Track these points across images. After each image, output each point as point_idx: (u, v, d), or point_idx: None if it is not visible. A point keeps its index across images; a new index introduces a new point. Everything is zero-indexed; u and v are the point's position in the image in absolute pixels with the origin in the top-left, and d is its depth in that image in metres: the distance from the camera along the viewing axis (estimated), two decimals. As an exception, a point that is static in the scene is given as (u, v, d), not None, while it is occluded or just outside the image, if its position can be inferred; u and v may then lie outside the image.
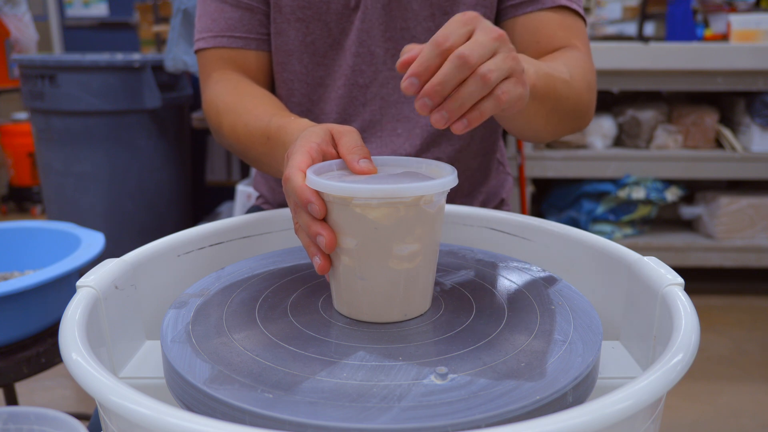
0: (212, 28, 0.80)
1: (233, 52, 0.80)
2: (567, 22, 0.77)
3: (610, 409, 0.30)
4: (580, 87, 0.70)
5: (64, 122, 1.93)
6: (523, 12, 0.77)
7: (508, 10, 0.78)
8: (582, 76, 0.71)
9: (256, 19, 0.79)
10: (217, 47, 0.80)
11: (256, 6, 0.79)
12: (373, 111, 0.80)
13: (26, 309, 0.84)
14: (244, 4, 0.79)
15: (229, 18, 0.79)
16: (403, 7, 0.77)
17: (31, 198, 3.31)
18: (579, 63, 0.73)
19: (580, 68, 0.72)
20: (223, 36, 0.79)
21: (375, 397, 0.36)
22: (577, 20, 0.78)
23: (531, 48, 0.77)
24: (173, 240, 0.59)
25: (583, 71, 0.72)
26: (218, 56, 0.80)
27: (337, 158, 0.52)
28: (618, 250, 0.54)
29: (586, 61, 0.75)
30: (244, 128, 0.71)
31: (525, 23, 0.77)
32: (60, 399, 1.61)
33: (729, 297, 2.22)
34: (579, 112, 0.72)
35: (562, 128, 0.72)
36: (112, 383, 0.33)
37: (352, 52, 0.78)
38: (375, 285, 0.47)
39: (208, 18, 0.80)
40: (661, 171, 2.15)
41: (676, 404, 1.58)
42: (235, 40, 0.79)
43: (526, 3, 0.77)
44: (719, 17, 2.62)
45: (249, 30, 0.80)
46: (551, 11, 0.76)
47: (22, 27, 3.22)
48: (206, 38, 0.80)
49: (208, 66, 0.81)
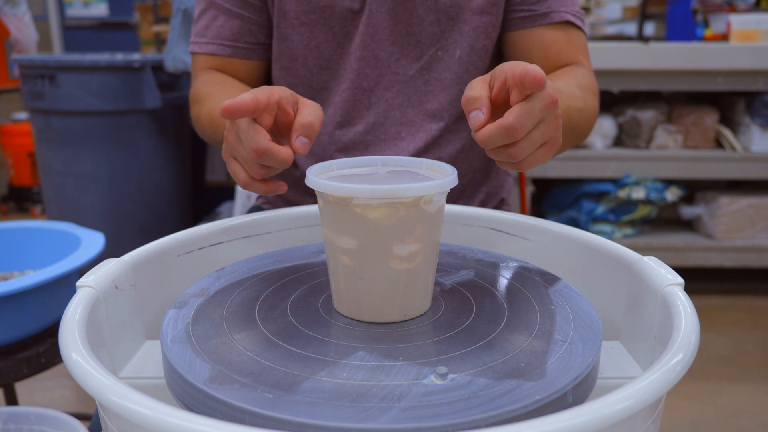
0: (204, 34, 0.83)
1: (221, 59, 0.83)
2: (573, 38, 0.80)
3: (610, 409, 0.30)
4: (591, 112, 0.74)
5: (64, 122, 1.93)
6: (531, 26, 0.79)
7: (516, 22, 0.80)
8: (592, 98, 0.75)
9: (246, 29, 0.82)
10: (206, 53, 0.83)
11: (248, 16, 0.81)
12: (377, 114, 0.81)
13: (26, 309, 0.84)
14: (236, 14, 0.81)
15: (221, 26, 0.82)
16: (409, 12, 0.77)
17: (31, 198, 3.31)
18: (588, 83, 0.76)
19: (590, 91, 0.75)
20: (212, 43, 0.82)
21: (375, 397, 0.36)
22: (581, 35, 0.81)
23: (540, 63, 0.79)
24: (173, 240, 0.59)
25: (592, 93, 0.76)
26: (208, 61, 0.83)
27: (288, 121, 0.54)
28: (618, 250, 0.54)
29: (591, 78, 0.79)
30: (208, 114, 0.75)
31: (533, 38, 0.80)
32: (60, 399, 1.61)
33: (729, 297, 2.22)
34: (584, 135, 0.76)
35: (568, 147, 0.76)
36: (112, 383, 0.33)
37: (357, 56, 0.79)
38: (375, 285, 0.47)
39: (202, 23, 0.83)
40: (661, 171, 2.15)
41: (676, 404, 1.58)
42: (224, 48, 0.82)
43: (534, 17, 0.79)
44: (719, 17, 2.62)
45: (237, 39, 0.82)
46: (558, 27, 0.79)
47: (22, 27, 3.22)
48: (199, 43, 0.83)
49: (197, 68, 0.85)
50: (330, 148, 0.82)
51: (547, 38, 0.79)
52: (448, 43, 0.79)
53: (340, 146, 0.82)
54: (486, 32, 0.79)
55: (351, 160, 0.54)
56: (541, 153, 0.52)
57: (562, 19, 0.78)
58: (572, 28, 0.80)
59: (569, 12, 0.79)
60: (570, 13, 0.79)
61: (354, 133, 0.81)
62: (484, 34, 0.79)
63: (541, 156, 0.52)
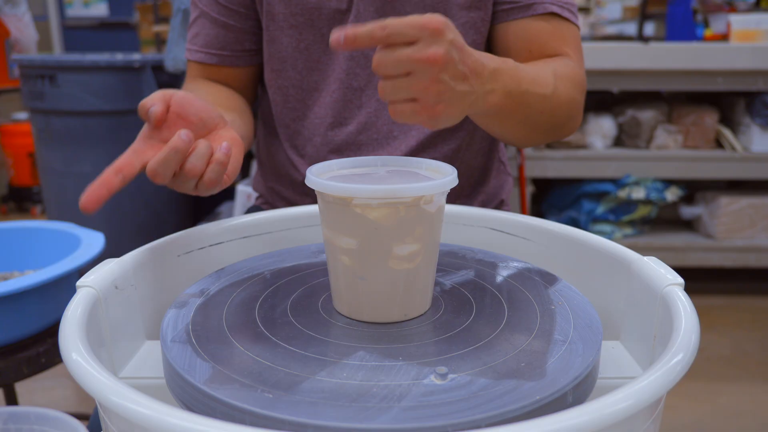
0: (195, 42, 0.85)
1: (210, 67, 0.85)
2: (559, 30, 0.77)
3: (610, 409, 0.30)
4: (563, 99, 0.70)
5: (64, 122, 1.93)
6: (514, 18, 0.78)
7: (501, 15, 0.79)
8: (568, 87, 0.72)
9: (232, 37, 0.83)
10: (196, 61, 0.85)
11: (233, 24, 0.82)
12: (369, 114, 0.81)
13: (26, 309, 0.84)
14: (221, 22, 0.82)
15: (207, 35, 0.83)
16: (396, 11, 0.77)
17: (31, 198, 3.31)
18: (567, 73, 0.73)
19: (569, 80, 0.72)
20: (201, 52, 0.84)
21: (375, 397, 0.36)
22: (570, 27, 0.78)
23: (523, 55, 0.77)
24: (173, 240, 0.59)
25: (572, 83, 0.73)
26: (198, 69, 0.85)
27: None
28: (618, 250, 0.54)
29: (575, 70, 0.75)
30: None
31: (516, 30, 0.78)
32: (60, 399, 1.61)
33: (729, 297, 2.22)
34: (557, 124, 0.73)
35: (540, 137, 0.74)
36: (112, 383, 0.33)
37: (346, 56, 0.79)
38: (375, 285, 0.47)
39: (193, 30, 0.85)
40: (661, 171, 2.15)
41: (676, 404, 1.58)
42: (211, 56, 0.84)
43: (516, 9, 0.77)
44: (719, 17, 2.62)
45: (224, 47, 0.84)
46: (543, 19, 0.77)
47: (22, 27, 3.22)
48: (190, 50, 0.85)
49: (188, 74, 0.87)
50: (323, 149, 0.83)
51: (530, 30, 0.77)
52: None
53: (332, 147, 0.82)
54: (475, 27, 0.78)
55: (350, 160, 0.54)
56: (409, 108, 0.51)
57: (546, 11, 0.76)
58: (559, 20, 0.77)
59: (555, 3, 0.76)
60: (556, 4, 0.76)
61: (346, 133, 0.81)
62: (473, 30, 0.78)
63: (408, 111, 0.51)
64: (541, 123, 0.70)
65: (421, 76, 0.49)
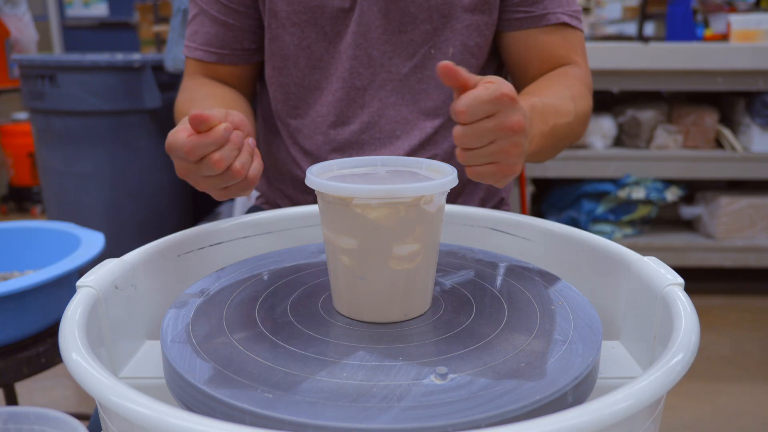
0: (194, 40, 0.85)
1: (208, 65, 0.85)
2: (569, 39, 0.81)
3: (610, 409, 0.30)
4: (581, 119, 0.75)
5: (64, 122, 1.93)
6: (527, 27, 0.80)
7: (513, 23, 0.81)
8: (583, 102, 0.76)
9: (231, 35, 0.83)
10: (195, 59, 0.85)
11: (232, 23, 0.82)
12: (372, 113, 0.81)
13: (26, 309, 0.84)
14: (221, 21, 0.82)
15: (206, 33, 0.84)
16: (401, 10, 0.77)
17: (31, 198, 3.31)
18: (581, 84, 0.78)
19: (581, 95, 0.76)
20: (200, 50, 0.84)
21: (375, 397, 0.36)
22: (577, 34, 0.82)
23: (534, 64, 0.81)
24: (173, 240, 0.59)
25: (582, 95, 0.77)
26: (197, 66, 0.86)
27: None
28: (618, 250, 0.54)
29: (584, 76, 0.80)
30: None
31: (529, 39, 0.81)
32: (60, 399, 1.61)
33: (729, 297, 2.22)
34: (576, 138, 0.78)
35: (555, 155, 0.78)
36: (112, 383, 0.33)
37: (349, 56, 0.79)
38: (375, 285, 0.47)
39: (192, 28, 0.85)
40: (661, 171, 2.15)
41: (676, 404, 1.58)
42: (210, 54, 0.84)
43: (530, 19, 0.79)
44: (719, 17, 2.61)
45: (224, 46, 0.84)
46: (554, 29, 0.80)
47: (22, 27, 3.22)
48: (189, 47, 0.85)
49: (187, 70, 0.87)
50: (325, 148, 0.83)
51: (543, 41, 0.80)
52: (441, 41, 0.79)
53: (335, 146, 0.82)
54: (479, 30, 0.79)
55: (351, 160, 0.54)
56: (488, 170, 0.53)
57: (559, 21, 0.79)
58: (568, 29, 0.81)
59: (565, 13, 0.79)
60: (566, 14, 0.79)
61: (349, 132, 0.82)
62: (477, 32, 0.79)
63: (488, 173, 0.54)
64: (564, 145, 0.75)
65: (503, 143, 0.51)
